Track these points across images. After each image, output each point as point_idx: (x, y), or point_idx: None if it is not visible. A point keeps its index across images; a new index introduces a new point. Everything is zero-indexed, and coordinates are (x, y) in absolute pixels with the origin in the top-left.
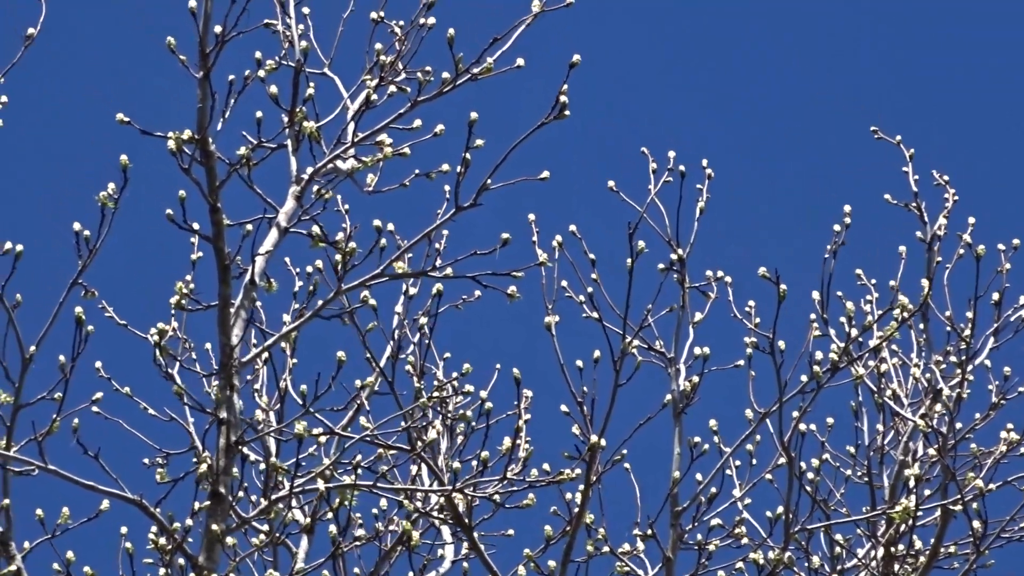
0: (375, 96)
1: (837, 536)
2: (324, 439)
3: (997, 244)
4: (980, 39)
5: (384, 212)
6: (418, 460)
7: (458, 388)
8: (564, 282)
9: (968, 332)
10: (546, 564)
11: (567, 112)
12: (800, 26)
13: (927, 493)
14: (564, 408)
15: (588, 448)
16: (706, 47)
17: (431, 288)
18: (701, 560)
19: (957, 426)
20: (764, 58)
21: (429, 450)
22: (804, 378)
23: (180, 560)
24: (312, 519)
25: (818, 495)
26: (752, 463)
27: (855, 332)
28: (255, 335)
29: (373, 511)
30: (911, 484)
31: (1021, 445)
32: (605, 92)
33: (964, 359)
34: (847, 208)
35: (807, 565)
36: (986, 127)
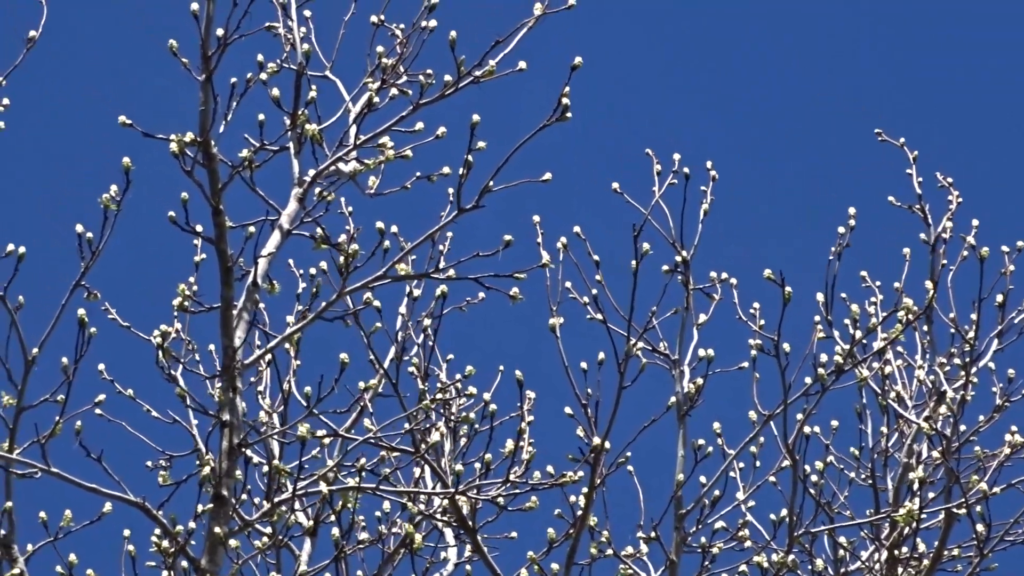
0: (377, 99)
1: (841, 539)
2: (327, 441)
3: (1001, 246)
4: (983, 40)
5: (386, 214)
6: (421, 462)
7: (461, 390)
8: (568, 284)
9: (972, 334)
10: (549, 567)
11: (569, 114)
12: (803, 27)
13: (931, 496)
14: (568, 410)
15: (592, 450)
16: (708, 48)
17: (435, 290)
18: (705, 563)
19: (961, 428)
20: (767, 59)
21: (432, 452)
22: (808, 380)
23: (183, 563)
24: (315, 522)
25: (822, 498)
26: (756, 466)
27: (859, 334)
28: (258, 337)
29: (376, 514)
30: (915, 487)
31: None
32: (607, 94)
33: (968, 361)
34: (851, 210)
35: (811, 568)
36: (990, 129)
